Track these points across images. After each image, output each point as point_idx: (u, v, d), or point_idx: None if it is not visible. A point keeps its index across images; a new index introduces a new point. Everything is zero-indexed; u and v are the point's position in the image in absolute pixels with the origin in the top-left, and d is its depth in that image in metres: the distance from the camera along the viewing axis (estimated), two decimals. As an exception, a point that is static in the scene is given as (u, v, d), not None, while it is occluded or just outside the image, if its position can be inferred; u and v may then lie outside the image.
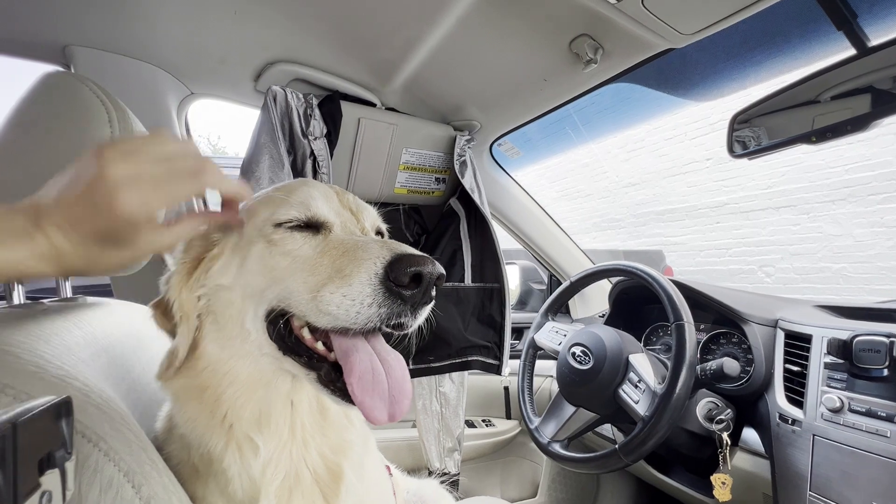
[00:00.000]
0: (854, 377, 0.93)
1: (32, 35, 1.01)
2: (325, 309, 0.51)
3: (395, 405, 0.53)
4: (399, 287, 0.49)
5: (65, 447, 0.31)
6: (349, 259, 0.52)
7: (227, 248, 0.61)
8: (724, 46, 1.03)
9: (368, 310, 0.50)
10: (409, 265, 0.49)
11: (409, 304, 0.51)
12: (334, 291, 0.51)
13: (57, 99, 0.67)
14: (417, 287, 0.50)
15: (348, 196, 0.68)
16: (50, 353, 0.52)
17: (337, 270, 0.52)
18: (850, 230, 4.50)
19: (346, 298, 0.50)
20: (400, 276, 0.49)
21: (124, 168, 0.42)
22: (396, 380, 0.55)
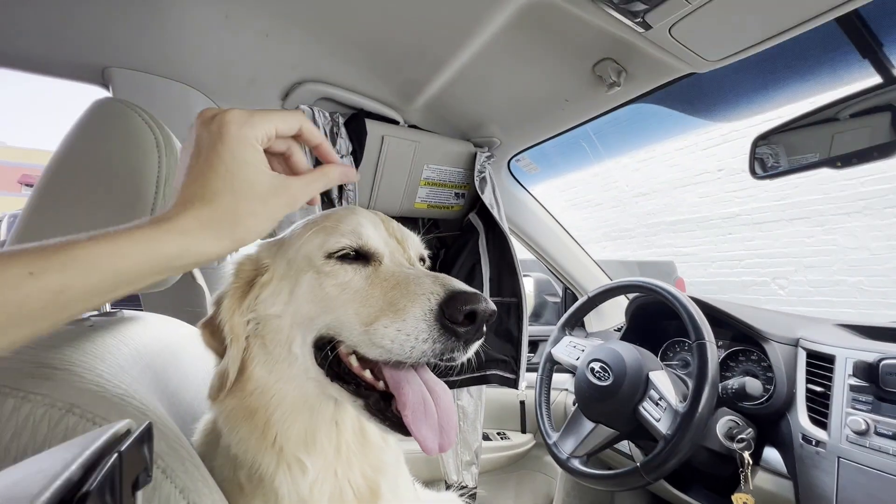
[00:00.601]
0: (880, 400, 0.93)
1: (75, 57, 1.06)
2: (379, 342, 0.52)
3: (444, 436, 0.54)
4: (454, 324, 0.50)
5: (147, 471, 0.33)
6: (402, 293, 0.54)
7: (277, 275, 0.63)
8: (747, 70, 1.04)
9: (423, 345, 0.51)
10: (464, 303, 0.50)
11: (462, 339, 0.52)
12: (388, 325, 0.52)
13: (109, 125, 0.70)
14: (472, 324, 0.51)
15: (393, 224, 0.70)
16: (107, 371, 0.54)
17: (389, 304, 0.53)
18: (866, 243, 4.45)
19: (401, 333, 0.51)
20: (455, 314, 0.50)
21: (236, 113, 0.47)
22: (445, 410, 0.56)
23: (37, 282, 0.34)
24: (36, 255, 0.36)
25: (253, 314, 0.62)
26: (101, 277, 0.38)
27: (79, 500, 0.23)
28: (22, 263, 0.34)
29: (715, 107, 1.23)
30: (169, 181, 0.69)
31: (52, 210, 0.66)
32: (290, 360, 0.61)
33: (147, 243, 0.40)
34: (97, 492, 0.24)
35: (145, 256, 0.40)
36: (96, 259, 0.38)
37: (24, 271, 0.34)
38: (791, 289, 5.04)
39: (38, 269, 0.35)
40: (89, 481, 0.24)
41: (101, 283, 0.38)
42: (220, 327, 0.61)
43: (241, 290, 0.62)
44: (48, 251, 0.36)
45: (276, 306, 0.61)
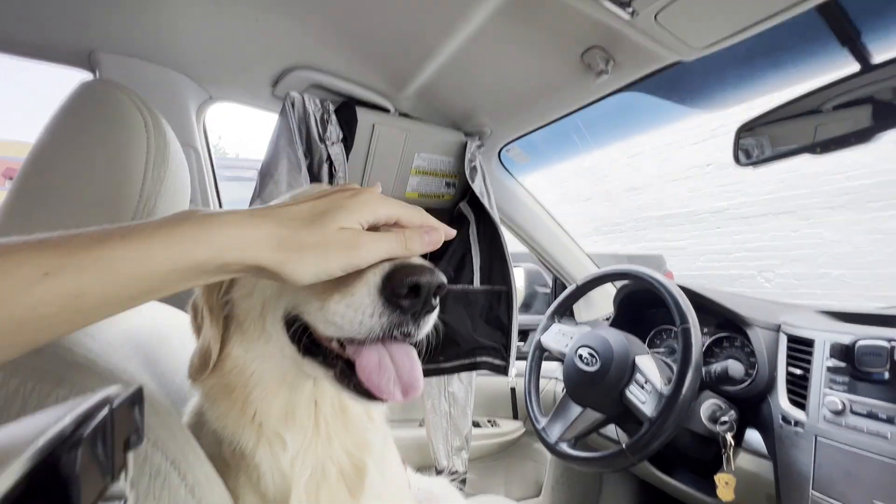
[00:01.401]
0: (856, 380, 0.96)
1: (61, 40, 1.04)
2: (331, 319, 0.51)
3: (404, 383, 0.54)
4: (397, 297, 0.49)
5: (138, 433, 0.34)
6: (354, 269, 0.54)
7: None
8: (731, 59, 1.06)
9: (370, 320, 0.50)
10: (406, 275, 0.49)
11: (409, 313, 0.51)
12: (339, 301, 0.51)
13: (95, 107, 0.69)
14: (416, 297, 0.50)
15: None
16: (97, 348, 0.55)
17: (342, 280, 0.52)
18: (849, 237, 4.54)
19: (350, 309, 0.50)
20: (398, 288, 0.49)
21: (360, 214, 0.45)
22: (402, 365, 0.56)
23: (52, 284, 0.31)
24: (52, 252, 0.32)
25: (228, 295, 0.63)
26: (125, 283, 0.34)
27: (71, 445, 0.24)
28: (36, 262, 0.31)
29: (701, 96, 1.25)
30: (158, 164, 0.69)
31: (38, 193, 0.65)
32: (266, 337, 0.61)
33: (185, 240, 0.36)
34: (89, 440, 0.25)
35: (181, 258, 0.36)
36: (121, 262, 0.33)
37: (39, 272, 0.30)
38: (777, 281, 5.14)
39: (56, 268, 0.31)
40: (81, 431, 0.25)
41: (123, 290, 0.34)
42: (200, 308, 0.62)
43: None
44: (72, 246, 0.32)
45: (245, 287, 0.62)
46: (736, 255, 5.60)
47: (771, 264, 5.22)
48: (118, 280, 0.34)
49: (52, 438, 0.25)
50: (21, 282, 0.30)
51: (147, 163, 0.67)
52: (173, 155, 0.73)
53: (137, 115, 0.68)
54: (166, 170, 0.70)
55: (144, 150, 0.67)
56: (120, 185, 0.65)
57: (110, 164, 0.66)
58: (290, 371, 0.63)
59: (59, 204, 0.64)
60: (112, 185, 0.65)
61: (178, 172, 0.75)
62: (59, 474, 0.23)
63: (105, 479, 0.27)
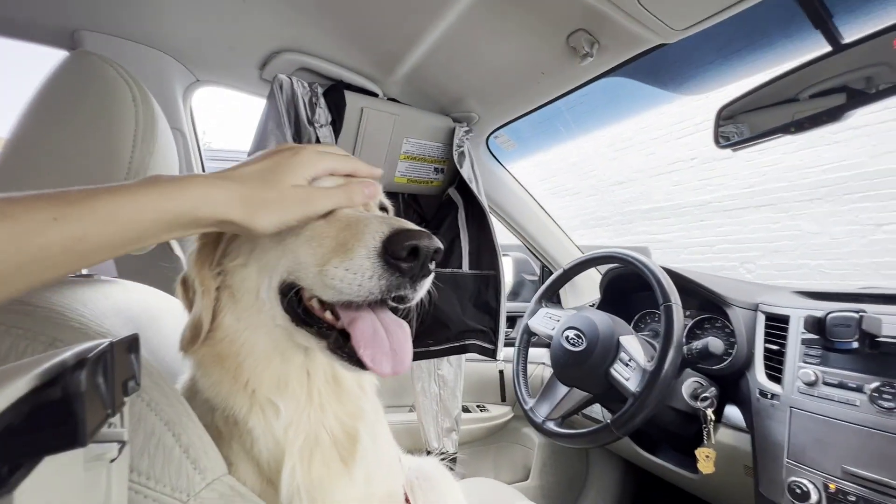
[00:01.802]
0: (827, 351, 1.00)
1: (42, 18, 1.03)
2: (330, 283, 0.53)
3: (396, 359, 0.56)
4: (397, 260, 0.52)
5: (135, 379, 0.35)
6: (351, 233, 0.55)
7: None
8: (712, 44, 1.09)
9: (369, 282, 0.52)
10: (406, 239, 0.51)
11: (407, 276, 0.53)
12: (338, 266, 0.53)
13: (82, 79, 0.69)
14: (415, 260, 0.52)
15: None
16: (89, 314, 0.55)
17: (341, 244, 0.54)
18: (827, 228, 4.67)
19: (349, 272, 0.52)
20: (397, 250, 0.51)
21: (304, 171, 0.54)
22: (397, 339, 0.58)
23: (60, 228, 0.36)
24: (59, 201, 0.37)
25: (220, 266, 0.63)
26: (117, 230, 0.39)
27: (76, 366, 0.25)
28: (47, 209, 0.36)
29: (684, 81, 1.28)
30: (147, 138, 0.68)
31: (24, 166, 0.65)
32: (258, 306, 0.62)
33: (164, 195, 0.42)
34: (92, 366, 0.26)
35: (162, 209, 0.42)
36: (117, 209, 0.39)
37: (49, 216, 0.35)
38: (758, 272, 5.26)
39: (62, 215, 0.36)
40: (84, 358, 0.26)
41: (115, 237, 0.40)
42: (192, 281, 0.63)
43: (209, 243, 0.64)
44: (70, 198, 0.38)
45: (241, 256, 0.63)
46: (719, 247, 5.72)
47: (752, 256, 5.35)
48: (111, 227, 0.39)
49: (58, 362, 0.26)
50: (36, 224, 0.35)
51: (136, 135, 0.66)
52: (161, 130, 0.73)
53: (125, 88, 0.68)
54: (155, 144, 0.70)
55: (133, 123, 0.67)
56: (108, 157, 0.65)
57: (98, 136, 0.66)
58: (282, 341, 0.64)
59: (45, 177, 0.63)
60: (100, 156, 0.65)
61: (166, 149, 0.75)
62: (64, 391, 0.24)
63: (106, 409, 0.28)
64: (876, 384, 0.91)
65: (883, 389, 0.90)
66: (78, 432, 0.23)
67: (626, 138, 6.81)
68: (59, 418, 0.24)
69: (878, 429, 0.89)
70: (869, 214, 4.35)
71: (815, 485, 0.94)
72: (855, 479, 0.89)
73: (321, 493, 0.62)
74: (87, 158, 0.66)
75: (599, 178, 7.38)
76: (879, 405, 0.90)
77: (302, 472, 0.61)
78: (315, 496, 0.61)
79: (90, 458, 0.31)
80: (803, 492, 0.94)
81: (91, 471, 0.32)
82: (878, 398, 0.90)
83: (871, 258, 4.33)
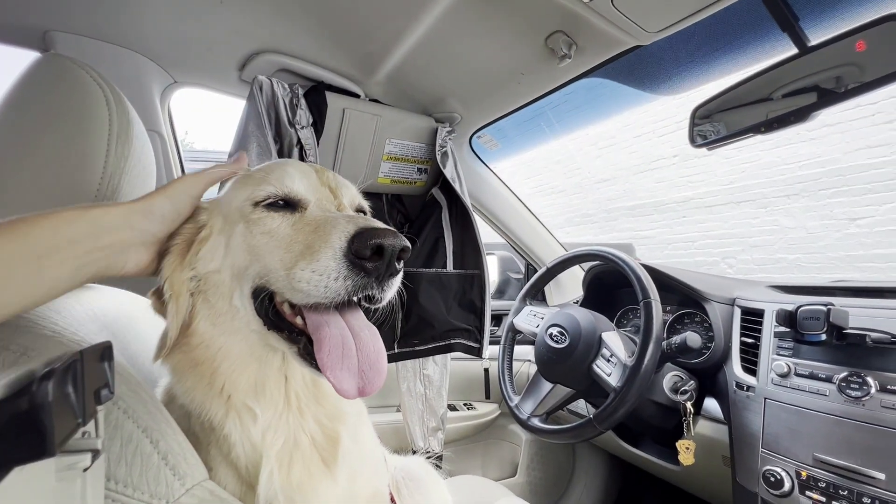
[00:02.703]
0: (799, 343, 1.04)
1: (12, 18, 1.00)
2: (297, 286, 0.53)
3: (364, 379, 0.54)
4: (361, 259, 0.51)
5: (108, 387, 0.35)
6: (318, 235, 0.54)
7: (215, 231, 0.64)
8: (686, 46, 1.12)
9: (335, 283, 0.51)
10: (370, 238, 0.51)
11: (373, 276, 0.52)
12: (304, 268, 0.52)
13: (54, 82, 0.67)
14: (380, 259, 0.52)
15: (328, 174, 0.70)
16: (63, 322, 0.54)
17: (307, 247, 0.54)
18: (803, 223, 4.80)
19: (315, 274, 0.52)
20: (361, 249, 0.51)
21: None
22: (367, 354, 0.56)
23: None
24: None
25: (194, 271, 0.62)
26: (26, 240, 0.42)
27: (42, 377, 0.25)
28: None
29: (660, 81, 1.31)
30: (121, 141, 0.67)
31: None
32: (233, 312, 0.62)
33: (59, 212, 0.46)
34: (60, 376, 0.26)
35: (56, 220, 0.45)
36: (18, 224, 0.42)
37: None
38: (738, 267, 5.38)
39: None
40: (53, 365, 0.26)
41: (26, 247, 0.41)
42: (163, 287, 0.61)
43: (181, 248, 0.62)
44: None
45: (214, 261, 0.62)
46: (700, 242, 5.83)
47: (733, 251, 5.47)
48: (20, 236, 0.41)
49: (25, 373, 0.26)
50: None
51: (109, 139, 0.65)
52: (137, 134, 0.72)
53: (98, 91, 0.67)
54: (130, 148, 0.69)
55: (106, 127, 0.66)
56: (81, 162, 0.64)
57: (71, 140, 0.64)
58: (258, 345, 0.64)
59: (17, 184, 0.62)
60: (73, 162, 0.64)
61: (142, 153, 0.74)
62: (31, 402, 0.24)
63: (76, 419, 0.28)
64: (844, 374, 0.95)
65: (850, 379, 0.94)
66: (45, 443, 0.23)
67: (610, 136, 6.89)
68: (26, 429, 0.24)
69: (845, 417, 0.92)
70: (843, 209, 4.48)
71: (787, 472, 0.97)
72: (825, 466, 0.92)
73: (301, 496, 0.62)
74: (60, 164, 0.64)
75: (584, 176, 7.46)
76: (847, 394, 0.93)
77: (281, 476, 0.61)
78: (295, 499, 0.61)
79: (62, 467, 0.31)
80: (777, 480, 0.97)
81: (64, 481, 0.32)
82: (846, 388, 0.94)
83: (846, 251, 4.46)
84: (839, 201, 4.49)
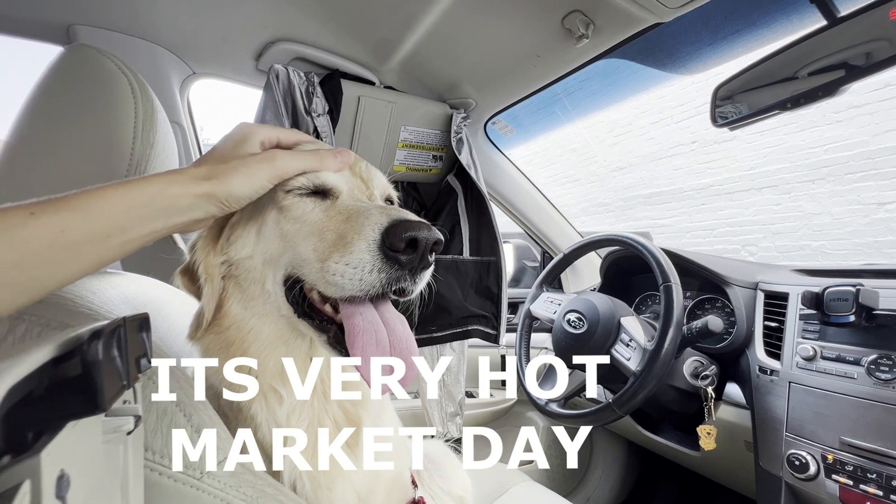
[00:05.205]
0: (825, 325, 1.02)
1: (37, 14, 1.03)
2: (331, 279, 0.53)
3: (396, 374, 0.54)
4: (395, 252, 0.51)
5: (146, 356, 0.36)
6: (351, 226, 0.54)
7: (245, 215, 0.64)
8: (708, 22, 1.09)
9: (370, 276, 0.51)
10: (404, 230, 0.51)
11: (406, 268, 0.52)
12: (338, 261, 0.52)
13: (80, 72, 0.69)
14: (414, 252, 0.51)
15: (361, 164, 0.69)
16: (98, 302, 0.56)
17: (340, 237, 0.54)
18: (828, 208, 4.65)
19: (349, 267, 0.52)
20: (396, 242, 0.50)
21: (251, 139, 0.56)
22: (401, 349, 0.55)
23: (38, 221, 0.37)
24: (37, 201, 0.39)
25: (225, 256, 0.63)
26: (96, 219, 0.41)
27: (92, 336, 0.26)
28: (24, 207, 0.38)
29: (681, 59, 1.27)
30: (146, 127, 0.69)
31: (26, 161, 0.66)
32: (264, 297, 0.63)
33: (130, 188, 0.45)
34: (108, 337, 0.27)
35: (129, 199, 0.44)
36: (89, 202, 0.41)
37: (26, 212, 0.38)
38: (760, 255, 5.26)
39: (39, 210, 0.38)
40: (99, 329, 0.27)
41: (97, 226, 0.41)
42: (196, 270, 0.63)
43: (213, 232, 0.63)
44: (48, 199, 0.40)
45: (246, 248, 0.63)
46: (720, 230, 5.71)
47: (754, 238, 5.34)
48: (91, 217, 0.41)
49: (74, 336, 0.27)
50: (15, 219, 0.37)
51: (136, 126, 0.67)
52: (161, 122, 0.74)
53: (123, 80, 0.68)
54: (155, 135, 0.71)
55: (132, 114, 0.67)
56: (109, 150, 0.66)
57: (98, 129, 0.66)
58: (287, 330, 0.65)
59: (49, 174, 0.64)
60: (101, 150, 0.66)
61: (166, 141, 0.76)
62: (84, 360, 0.25)
63: (121, 381, 0.30)
64: (873, 356, 0.93)
65: (880, 361, 0.91)
66: (97, 399, 0.25)
67: (626, 123, 6.76)
68: (79, 386, 0.25)
69: (875, 400, 0.90)
70: (871, 193, 4.33)
71: (813, 456, 0.96)
72: (852, 450, 0.90)
73: (325, 478, 0.63)
74: (88, 153, 0.66)
75: (600, 164, 7.35)
76: (877, 377, 0.91)
77: (304, 457, 0.62)
78: (319, 480, 0.63)
79: (108, 429, 0.32)
80: (802, 463, 0.96)
81: (110, 443, 0.34)
82: (876, 370, 0.91)
83: (873, 237, 4.32)
84: (867, 185, 4.34)
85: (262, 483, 0.56)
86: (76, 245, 0.40)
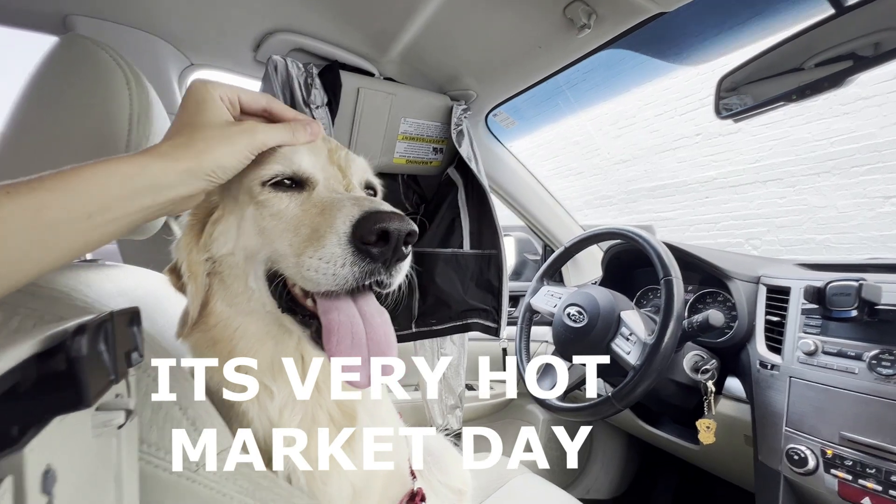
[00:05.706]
0: (827, 320, 1.01)
1: (33, 4, 1.02)
2: (307, 275, 0.52)
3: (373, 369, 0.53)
4: (367, 245, 0.50)
5: (137, 351, 0.36)
6: (324, 219, 0.53)
7: (227, 211, 0.63)
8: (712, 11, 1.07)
9: (342, 270, 0.50)
10: (375, 222, 0.49)
11: (379, 261, 0.51)
12: (312, 255, 0.51)
13: (75, 63, 0.68)
14: (386, 244, 0.50)
15: (340, 152, 0.67)
16: (94, 295, 0.56)
17: (314, 231, 0.53)
18: (833, 202, 4.61)
19: (322, 262, 0.51)
20: (367, 235, 0.49)
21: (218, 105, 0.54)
22: (378, 342, 0.54)
23: (13, 201, 0.36)
24: (12, 182, 0.38)
25: (208, 253, 0.62)
26: (74, 197, 0.40)
27: (76, 332, 0.26)
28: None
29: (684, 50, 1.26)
30: (142, 119, 0.68)
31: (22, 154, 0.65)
32: (248, 293, 0.62)
33: (109, 165, 0.43)
34: (93, 331, 0.27)
35: (108, 176, 0.43)
36: (67, 181, 0.40)
37: (1, 192, 0.36)
38: (763, 249, 5.23)
39: (14, 190, 0.37)
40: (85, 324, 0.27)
41: (76, 204, 0.40)
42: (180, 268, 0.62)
43: (195, 228, 0.62)
44: (24, 180, 0.39)
45: (227, 244, 0.62)
46: (724, 223, 5.68)
47: (758, 232, 5.31)
48: (69, 195, 0.39)
49: (60, 331, 0.27)
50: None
51: (131, 118, 0.66)
52: (157, 113, 0.73)
53: (118, 71, 0.67)
54: (151, 127, 0.70)
55: (127, 106, 0.67)
56: (104, 141, 0.65)
57: (93, 120, 0.65)
58: (273, 325, 0.64)
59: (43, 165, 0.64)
60: (96, 142, 0.65)
61: (162, 132, 0.75)
62: (68, 355, 0.25)
63: (108, 376, 0.30)
64: (875, 352, 0.92)
65: (882, 357, 0.91)
66: (83, 394, 0.24)
67: (630, 116, 6.70)
68: (63, 381, 0.25)
69: (876, 395, 0.90)
70: (877, 187, 4.29)
71: (812, 451, 0.96)
72: (852, 445, 0.90)
73: (320, 472, 0.63)
74: (83, 145, 0.65)
75: (603, 156, 7.30)
76: (878, 372, 0.90)
77: (304, 457, 0.62)
78: (314, 475, 0.63)
79: (98, 424, 0.32)
80: (801, 458, 0.96)
81: (101, 437, 0.34)
82: (877, 365, 0.91)
83: (879, 231, 4.29)
84: (873, 178, 4.29)
85: (258, 475, 0.56)
86: (55, 225, 0.38)
